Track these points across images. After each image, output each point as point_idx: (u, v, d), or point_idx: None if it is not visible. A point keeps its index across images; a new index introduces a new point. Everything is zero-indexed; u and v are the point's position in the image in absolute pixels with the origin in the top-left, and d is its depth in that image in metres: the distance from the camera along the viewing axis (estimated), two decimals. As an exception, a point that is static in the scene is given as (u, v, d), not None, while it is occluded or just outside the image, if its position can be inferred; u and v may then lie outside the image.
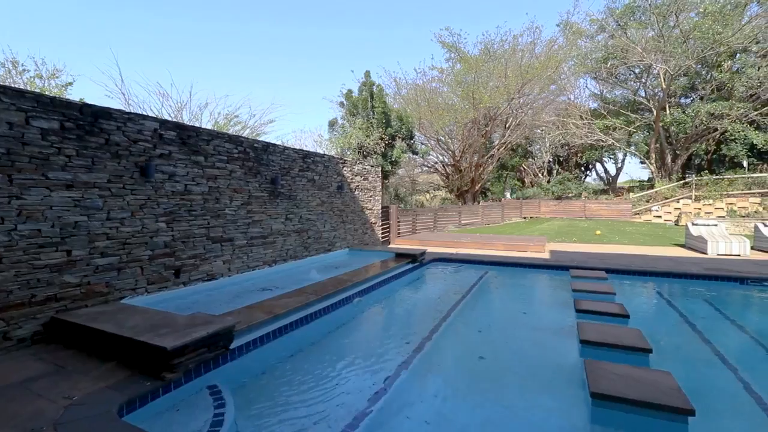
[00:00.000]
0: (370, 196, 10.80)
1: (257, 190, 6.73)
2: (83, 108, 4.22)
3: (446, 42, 24.19)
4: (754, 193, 19.33)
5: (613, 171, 33.46)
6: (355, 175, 10.09)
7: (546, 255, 8.94)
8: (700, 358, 3.74)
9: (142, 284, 4.77)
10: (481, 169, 25.73)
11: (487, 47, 22.80)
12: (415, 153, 23.86)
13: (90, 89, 30.80)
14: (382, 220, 11.67)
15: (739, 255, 8.89)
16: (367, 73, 20.45)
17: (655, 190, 22.91)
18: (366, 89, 20.02)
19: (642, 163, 27.70)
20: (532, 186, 31.22)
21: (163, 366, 2.87)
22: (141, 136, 4.79)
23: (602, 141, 26.39)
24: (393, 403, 2.83)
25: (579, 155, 31.72)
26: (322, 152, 16.67)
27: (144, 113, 7.89)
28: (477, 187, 25.95)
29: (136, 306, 4.12)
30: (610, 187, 31.33)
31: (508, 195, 31.73)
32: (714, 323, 4.75)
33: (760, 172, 21.46)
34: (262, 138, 18.86)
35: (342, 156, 18.16)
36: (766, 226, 10.24)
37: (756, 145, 21.27)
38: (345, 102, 20.66)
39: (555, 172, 32.56)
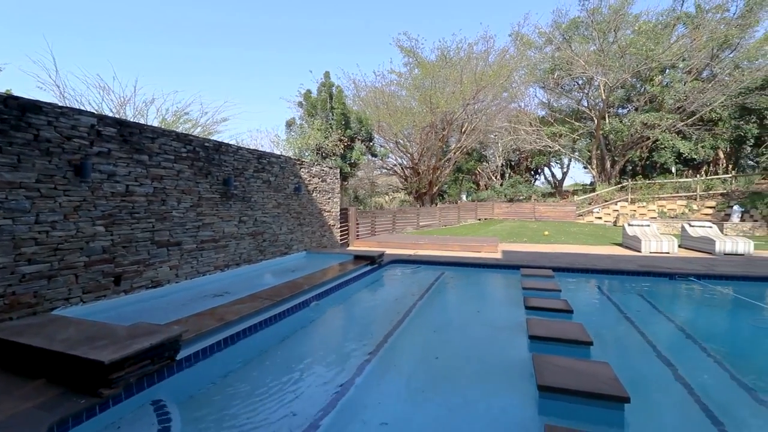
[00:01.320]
0: (329, 198, 10.70)
1: (208, 191, 6.43)
2: (8, 100, 3.82)
3: (404, 46, 24.58)
4: (681, 197, 21.38)
5: (559, 175, 35.62)
6: (313, 177, 9.95)
7: (498, 255, 9.31)
8: (635, 349, 4.06)
9: (76, 293, 4.39)
10: (439, 172, 26.35)
11: (444, 53, 23.44)
12: (374, 155, 23.96)
13: (19, 80, 27.88)
14: (340, 222, 11.59)
15: (668, 252, 9.78)
16: (327, 74, 20.28)
17: (597, 193, 24.66)
18: (325, 90, 19.84)
19: (585, 168, 29.73)
20: (487, 189, 32.43)
21: (100, 381, 2.65)
22: (76, 132, 4.41)
23: (549, 147, 27.99)
24: (349, 407, 2.81)
25: (529, 160, 33.42)
26: (278, 153, 16.26)
27: (81, 108, 7.28)
28: (435, 190, 26.55)
29: (69, 317, 3.77)
30: (557, 190, 33.28)
31: (464, 197, 32.77)
32: (647, 316, 5.17)
33: (686, 177, 23.82)
34: (214, 137, 18.08)
35: (300, 157, 17.82)
36: (691, 226, 11.36)
37: (682, 153, 23.60)
38: (303, 102, 20.34)
39: (507, 175, 34.06)
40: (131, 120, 7.51)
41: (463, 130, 26.27)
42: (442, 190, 32.25)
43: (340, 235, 11.55)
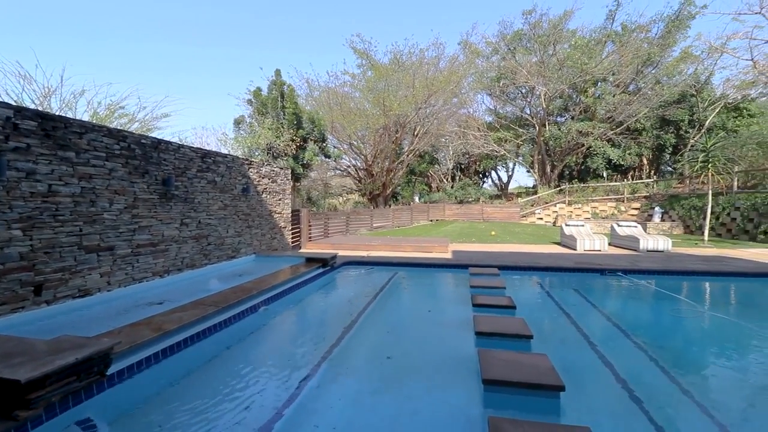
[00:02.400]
0: (279, 199, 10.41)
1: (145, 191, 5.99)
2: None
3: (358, 48, 24.65)
4: (611, 199, 23.37)
5: (505, 178, 37.53)
6: (263, 177, 9.63)
7: (449, 255, 9.60)
8: (571, 340, 4.36)
9: (-15, 306, 3.89)
10: (392, 173, 26.67)
11: (397, 57, 23.81)
12: (327, 156, 23.72)
13: None
14: (292, 224, 11.33)
15: (600, 250, 10.63)
16: (278, 72, 19.77)
17: (538, 195, 26.27)
18: (276, 88, 19.32)
19: (528, 171, 31.59)
20: (438, 191, 33.33)
21: (16, 403, 2.36)
22: (-15, 124, 3.92)
23: (496, 151, 29.40)
24: (300, 413, 2.74)
25: (477, 163, 34.85)
26: (226, 152, 15.58)
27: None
28: (388, 191, 26.83)
29: (-25, 333, 3.33)
30: (503, 192, 35.02)
31: (416, 199, 33.41)
32: (581, 309, 5.58)
33: (615, 181, 26.11)
34: (154, 134, 16.95)
35: (249, 157, 17.17)
36: (619, 226, 12.44)
37: (612, 159, 25.88)
38: (253, 100, 19.66)
39: (458, 178, 35.26)
40: (56, 113, 6.82)
41: (415, 133, 26.81)
42: (396, 192, 32.67)
43: (292, 238, 11.29)
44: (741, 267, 7.81)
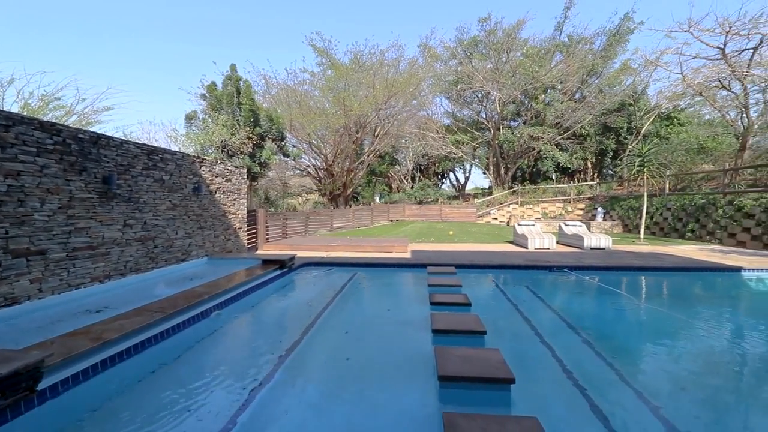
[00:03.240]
0: (234, 199, 10.03)
1: (82, 190, 5.55)
2: None
3: (318, 46, 24.31)
4: (559, 200, 24.78)
5: (462, 179, 38.63)
6: (216, 176, 9.24)
7: (408, 255, 9.72)
8: (522, 334, 4.56)
9: None
10: (353, 174, 26.58)
11: (357, 57, 23.76)
12: (286, 155, 23.20)
13: None
14: (248, 225, 10.96)
15: (549, 248, 11.23)
16: (233, 67, 19.04)
17: (493, 196, 27.31)
18: (232, 84, 18.60)
19: (484, 173, 32.70)
20: (398, 191, 33.68)
21: None
22: None
23: (454, 153, 30.20)
24: (255, 420, 2.66)
25: (436, 165, 35.61)
26: (176, 149, 14.79)
27: None
28: (349, 192, 26.70)
29: None
30: (460, 193, 36.04)
31: (377, 199, 33.55)
32: (531, 304, 5.86)
33: (563, 183, 27.72)
34: (95, 128, 15.77)
35: (202, 154, 16.42)
36: (566, 225, 13.21)
37: (560, 162, 27.45)
38: (207, 95, 18.80)
39: (417, 179, 35.83)
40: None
41: (376, 134, 26.91)
42: (356, 192, 32.61)
43: (248, 239, 10.92)
44: (671, 262, 8.58)
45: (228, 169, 9.81)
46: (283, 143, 21.28)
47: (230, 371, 3.61)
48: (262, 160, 18.53)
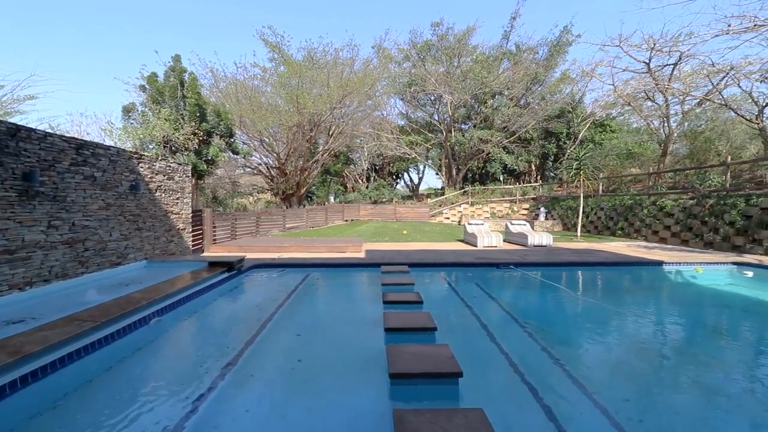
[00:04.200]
0: (177, 198, 9.46)
1: (-3, 187, 4.95)
2: None
3: (269, 41, 23.59)
4: (506, 200, 26.05)
5: (416, 180, 39.36)
6: (157, 174, 8.66)
7: (362, 254, 9.73)
8: (471, 329, 4.73)
9: None
10: (307, 173, 26.11)
11: (311, 54, 23.37)
12: (235, 153, 22.27)
13: None
14: (193, 226, 10.38)
15: (496, 246, 11.76)
16: (177, 58, 17.97)
17: (445, 196, 28.12)
18: (176, 75, 17.53)
19: (436, 174, 33.56)
20: (353, 191, 33.60)
21: None
22: None
23: (408, 154, 30.68)
24: (200, 430, 2.52)
25: (391, 165, 35.98)
26: (110, 143, 13.69)
27: None
28: (302, 191, 26.19)
29: None
30: (414, 193, 36.68)
31: (332, 199, 33.23)
32: (480, 300, 6.10)
33: (509, 184, 29.19)
34: (14, 119, 14.24)
35: (141, 150, 15.33)
36: (512, 224, 13.92)
37: (507, 164, 28.87)
38: (147, 86, 17.56)
39: (372, 178, 35.96)
40: None
41: (330, 133, 26.64)
42: (311, 192, 32.08)
43: (193, 240, 10.34)
44: (603, 258, 9.34)
45: (170, 166, 9.22)
46: (232, 140, 20.41)
47: (172, 381, 3.39)
48: (209, 158, 17.64)
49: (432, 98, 31.42)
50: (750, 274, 7.79)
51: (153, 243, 8.49)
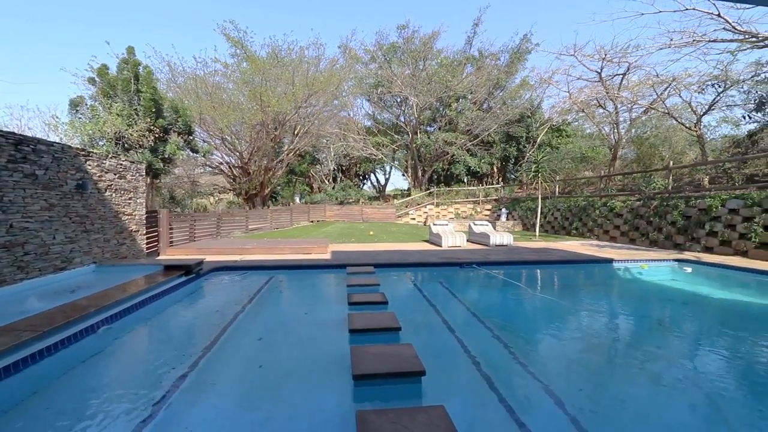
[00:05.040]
0: (130, 199, 8.95)
1: None
2: None
3: (231, 36, 22.84)
4: (469, 201, 26.74)
5: (383, 180, 39.56)
6: (107, 172, 8.15)
7: (328, 256, 9.64)
8: (435, 328, 4.82)
9: None
10: (271, 173, 25.52)
11: (275, 51, 22.85)
12: (195, 151, 21.41)
13: None
14: (148, 228, 9.85)
15: (460, 246, 12.04)
16: (131, 50, 17.01)
17: (412, 197, 28.44)
18: (130, 69, 16.59)
19: (403, 175, 33.87)
20: (320, 191, 33.23)
21: None
22: None
23: (374, 155, 30.75)
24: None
25: (358, 166, 35.91)
26: (56, 139, 12.78)
27: None
28: (267, 191, 25.55)
29: None
30: (381, 194, 36.83)
31: (297, 200, 32.64)
32: (444, 299, 6.23)
33: (473, 186, 29.99)
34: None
35: (90, 146, 14.39)
36: (475, 224, 14.30)
37: (471, 166, 29.64)
38: (97, 79, 16.51)
39: (339, 179, 35.72)
40: None
41: (296, 132, 26.20)
42: (275, 192, 31.37)
43: (148, 243, 9.81)
44: (559, 256, 9.80)
45: (122, 164, 8.70)
46: (191, 137, 19.59)
47: (124, 392, 3.20)
48: (166, 155, 16.84)
49: (398, 100, 31.68)
50: (689, 270, 8.46)
51: (102, 246, 7.97)
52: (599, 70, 20.31)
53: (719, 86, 17.68)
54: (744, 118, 17.32)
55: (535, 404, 2.93)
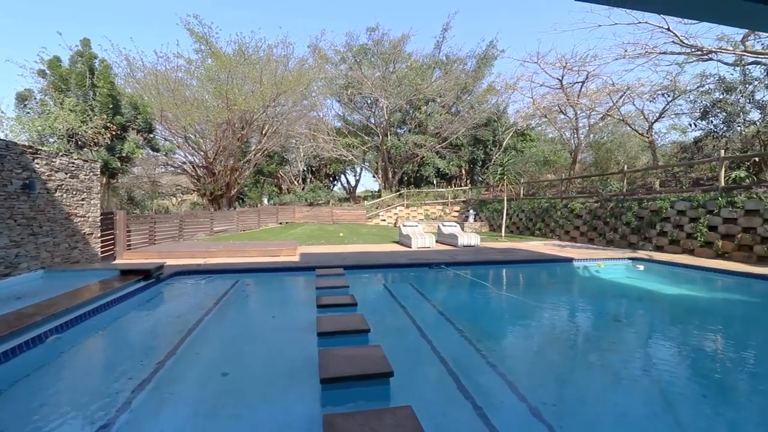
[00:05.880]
0: (83, 200, 8.43)
1: None
2: None
3: (195, 31, 22.04)
4: (439, 202, 27.16)
5: (353, 182, 39.41)
6: (57, 171, 7.64)
7: (297, 258, 9.49)
8: (404, 329, 4.85)
9: None
10: (238, 173, 24.81)
11: (242, 49, 22.25)
12: (156, 150, 20.51)
13: None
14: (103, 230, 9.32)
15: (429, 247, 12.21)
16: (86, 42, 16.07)
17: (382, 199, 28.53)
18: (84, 62, 15.67)
19: (373, 176, 33.93)
20: (289, 193, 32.67)
21: None
22: None
23: (344, 156, 30.61)
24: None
25: (328, 167, 35.60)
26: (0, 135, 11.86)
27: None
28: (233, 192, 24.80)
29: None
30: (351, 195, 36.69)
31: (265, 201, 31.95)
32: (413, 300, 6.28)
33: (442, 188, 30.50)
34: None
35: (39, 143, 13.45)
36: (444, 226, 14.54)
37: (440, 168, 30.13)
38: (48, 72, 15.47)
39: (309, 180, 35.26)
40: None
41: (264, 132, 25.63)
42: (243, 193, 30.54)
43: (103, 247, 9.28)
44: (523, 256, 10.15)
45: (74, 163, 8.18)
46: (151, 136, 18.74)
47: (75, 405, 3.01)
48: (124, 154, 16.02)
49: (369, 102, 31.71)
50: (641, 267, 9.00)
51: (52, 250, 7.45)
52: (560, 78, 21.25)
53: (668, 96, 18.99)
54: (690, 125, 18.66)
55: (499, 400, 3.02)
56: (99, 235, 9.01)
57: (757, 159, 13.86)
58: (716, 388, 3.41)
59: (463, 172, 33.27)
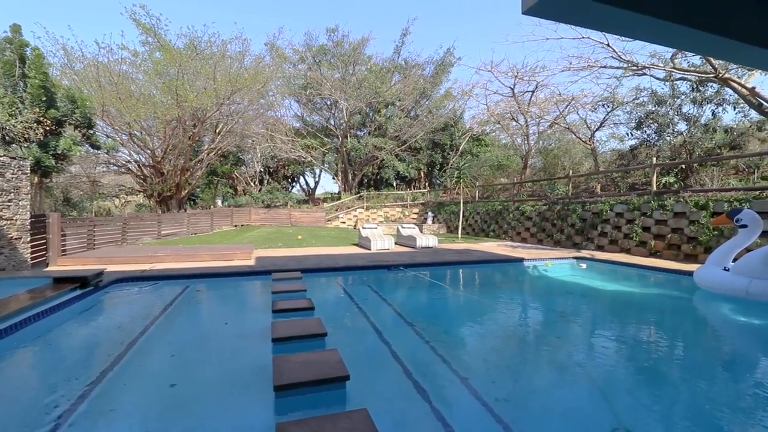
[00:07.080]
0: (10, 201, 7.66)
1: None
2: None
3: (142, 22, 20.75)
4: (398, 205, 27.47)
5: (312, 184, 38.88)
6: (-23, 170, 6.88)
7: (252, 262, 9.20)
8: (363, 332, 4.86)
9: None
10: (189, 173, 23.63)
11: (193, 43, 21.27)
12: (96, 147, 19.11)
13: None
14: (33, 234, 8.50)
15: (388, 249, 12.30)
16: (16, 28, 14.67)
17: (342, 201, 28.39)
18: (14, 50, 14.29)
19: (333, 178, 33.65)
20: (245, 194, 31.58)
21: None
22: None
23: (303, 157, 30.14)
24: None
25: (286, 168, 34.85)
26: None
27: None
28: (183, 193, 23.56)
29: None
30: (310, 197, 36.17)
31: (219, 202, 30.64)
32: (372, 302, 6.30)
33: (401, 190, 30.89)
34: None
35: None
36: (403, 227, 14.71)
37: (400, 171, 30.51)
38: (-34, 59, 13.88)
39: (266, 181, 34.29)
40: None
41: (217, 131, 24.62)
42: (194, 194, 29.09)
43: (33, 252, 8.46)
44: (478, 256, 10.52)
45: (0, 161, 7.41)
46: (91, 132, 17.42)
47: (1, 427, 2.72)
48: (59, 151, 14.74)
49: (328, 103, 31.46)
50: (584, 266, 9.64)
51: (-30, 257, 6.68)
52: (512, 87, 22.29)
53: (608, 106, 20.55)
54: (627, 134, 20.33)
55: (455, 398, 3.11)
56: (29, 239, 8.20)
57: (684, 166, 15.37)
58: (651, 375, 3.73)
59: (422, 174, 33.90)
